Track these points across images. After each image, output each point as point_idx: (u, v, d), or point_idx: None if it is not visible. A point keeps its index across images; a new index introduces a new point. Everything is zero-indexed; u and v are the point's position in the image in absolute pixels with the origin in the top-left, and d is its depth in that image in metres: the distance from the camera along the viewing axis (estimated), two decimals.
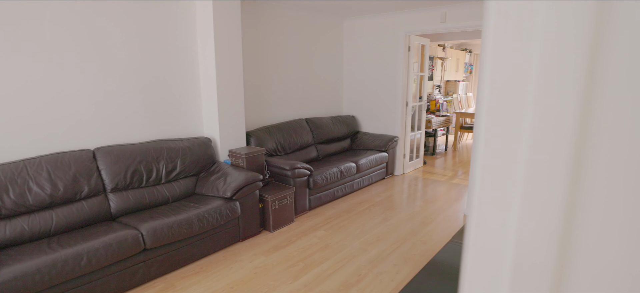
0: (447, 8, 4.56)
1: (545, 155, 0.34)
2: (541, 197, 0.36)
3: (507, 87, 0.35)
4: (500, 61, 0.35)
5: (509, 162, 0.36)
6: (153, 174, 3.07)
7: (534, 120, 0.34)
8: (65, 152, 2.70)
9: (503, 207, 0.38)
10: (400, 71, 5.08)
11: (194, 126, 3.66)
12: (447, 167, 5.89)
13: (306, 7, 4.59)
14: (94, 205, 2.73)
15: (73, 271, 2.16)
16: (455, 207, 4.08)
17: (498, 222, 0.39)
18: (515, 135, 0.35)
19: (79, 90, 2.83)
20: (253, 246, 3.17)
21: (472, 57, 10.13)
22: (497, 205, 0.38)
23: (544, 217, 0.36)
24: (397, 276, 2.70)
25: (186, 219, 2.74)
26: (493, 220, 0.39)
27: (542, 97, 0.34)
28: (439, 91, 8.62)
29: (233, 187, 3.06)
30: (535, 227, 0.36)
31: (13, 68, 2.50)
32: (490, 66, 0.36)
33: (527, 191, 0.36)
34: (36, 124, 2.64)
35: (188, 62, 3.53)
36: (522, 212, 0.37)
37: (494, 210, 0.39)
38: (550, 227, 0.36)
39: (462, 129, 7.43)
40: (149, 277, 2.60)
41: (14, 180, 2.40)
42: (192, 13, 3.50)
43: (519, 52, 0.34)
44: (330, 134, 5.03)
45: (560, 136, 0.34)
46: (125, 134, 3.15)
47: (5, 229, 2.32)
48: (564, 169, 0.34)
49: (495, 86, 0.36)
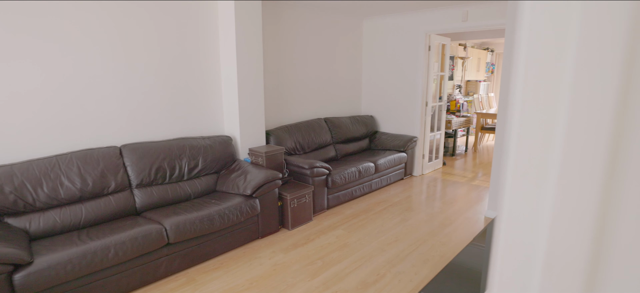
0: (469, 6, 4.48)
1: (580, 153, 0.35)
2: (575, 195, 0.36)
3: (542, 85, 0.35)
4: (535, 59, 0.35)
5: (542, 159, 0.36)
6: (176, 171, 3.16)
7: (569, 117, 0.35)
8: (94, 149, 2.81)
9: (535, 205, 0.38)
10: (420, 71, 5.02)
11: (215, 124, 3.74)
12: (467, 169, 5.79)
13: (326, 7, 4.60)
14: (120, 200, 2.83)
15: (101, 262, 2.25)
16: (475, 209, 4.01)
17: (529, 221, 0.39)
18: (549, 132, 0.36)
19: (107, 89, 2.94)
20: (272, 243, 3.21)
21: (494, 56, 9.91)
22: (528, 203, 0.39)
23: (578, 215, 0.36)
24: (416, 277, 2.68)
25: (208, 215, 2.80)
26: (524, 218, 0.39)
27: (577, 94, 0.34)
28: (460, 91, 8.48)
29: (253, 184, 3.10)
30: (568, 226, 0.37)
31: (48, 68, 2.62)
32: (525, 64, 0.36)
33: (561, 189, 0.36)
34: (68, 121, 2.76)
35: (210, 61, 3.61)
36: (555, 210, 0.37)
37: (526, 208, 0.39)
38: (584, 225, 0.36)
39: (483, 130, 7.28)
40: (171, 271, 2.68)
41: (48, 174, 2.51)
42: (214, 13, 3.57)
43: (554, 50, 0.34)
44: (349, 133, 5.03)
45: (595, 133, 0.34)
46: (150, 131, 3.25)
47: (40, 221, 2.44)
48: (599, 167, 0.34)
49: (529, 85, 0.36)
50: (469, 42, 8.29)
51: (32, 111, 2.59)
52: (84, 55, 2.79)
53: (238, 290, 2.52)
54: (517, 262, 0.41)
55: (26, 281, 1.98)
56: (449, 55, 5.55)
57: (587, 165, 0.35)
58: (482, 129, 7.28)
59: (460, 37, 7.12)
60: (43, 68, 2.61)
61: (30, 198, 2.42)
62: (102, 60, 2.89)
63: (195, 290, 2.53)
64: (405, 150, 5.02)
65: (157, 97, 3.26)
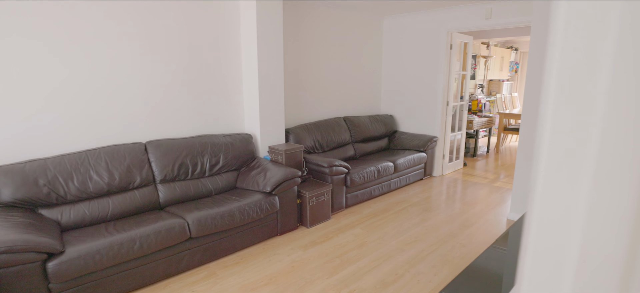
0: (493, 4, 4.38)
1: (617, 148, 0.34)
2: (611, 192, 0.35)
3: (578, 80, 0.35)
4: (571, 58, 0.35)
5: (577, 156, 0.36)
6: (198, 167, 3.23)
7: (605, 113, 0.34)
8: (120, 145, 2.91)
9: (569, 203, 0.38)
10: (441, 70, 4.95)
11: (236, 122, 3.80)
12: (488, 170, 5.66)
13: (346, 6, 4.60)
14: (145, 195, 2.92)
15: (127, 254, 2.34)
16: (497, 211, 3.92)
17: (562, 217, 0.39)
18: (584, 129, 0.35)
19: (133, 87, 3.04)
20: (290, 240, 3.24)
21: (518, 55, 9.64)
22: (562, 200, 0.38)
23: (613, 214, 0.36)
24: (435, 278, 2.65)
25: (228, 211, 2.85)
26: (557, 215, 0.39)
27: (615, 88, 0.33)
28: (482, 91, 8.30)
29: (273, 182, 3.14)
30: (604, 223, 0.36)
31: (77, 67, 2.73)
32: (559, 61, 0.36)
33: (596, 187, 0.36)
34: (96, 117, 2.87)
35: (231, 60, 3.67)
36: (590, 209, 0.36)
37: (559, 206, 0.39)
38: (620, 224, 0.36)
39: (506, 131, 7.10)
40: (193, 265, 2.75)
41: (78, 169, 2.62)
42: (236, 13, 3.63)
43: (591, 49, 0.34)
44: (368, 132, 5.01)
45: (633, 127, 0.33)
46: (173, 128, 3.34)
47: (70, 213, 2.55)
48: (637, 164, 0.34)
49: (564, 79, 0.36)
50: (492, 40, 8.09)
51: (64, 108, 2.71)
52: (112, 54, 2.89)
53: (257, 286, 2.56)
54: (548, 260, 0.41)
55: (58, 269, 2.07)
56: (471, 54, 5.45)
57: (624, 161, 0.34)
58: (504, 130, 7.10)
59: (483, 35, 6.96)
60: (72, 67, 2.72)
61: (62, 191, 2.54)
62: (130, 59, 2.99)
63: (216, 284, 2.58)
64: (425, 150, 4.96)
65: (180, 94, 3.35)
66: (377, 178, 4.24)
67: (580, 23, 0.35)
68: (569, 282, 0.39)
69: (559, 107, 0.37)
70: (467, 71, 5.42)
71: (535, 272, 0.42)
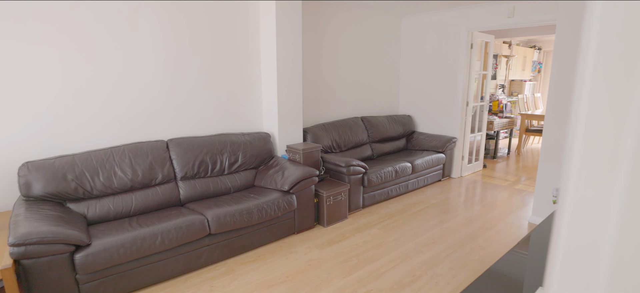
0: (516, 2, 4.27)
1: None
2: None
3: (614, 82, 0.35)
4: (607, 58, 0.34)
5: (613, 153, 0.36)
6: (217, 165, 3.29)
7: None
8: (143, 142, 2.99)
9: (603, 199, 0.37)
10: (461, 70, 4.87)
11: (255, 121, 3.85)
12: (509, 172, 5.53)
13: (365, 6, 4.58)
14: (166, 191, 2.99)
15: (149, 248, 2.40)
16: (517, 214, 3.83)
17: (596, 216, 0.38)
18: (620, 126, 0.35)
19: (156, 85, 3.12)
20: (307, 239, 3.26)
21: (541, 55, 9.38)
22: (596, 197, 0.38)
23: None
24: (454, 280, 2.61)
25: (247, 209, 2.89)
26: (591, 213, 0.39)
27: None
28: (503, 91, 8.11)
29: (290, 180, 3.17)
30: (639, 222, 0.35)
31: (103, 68, 2.83)
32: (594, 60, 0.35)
33: (632, 184, 0.35)
34: (121, 115, 2.97)
35: (251, 60, 3.72)
36: (625, 205, 0.36)
37: (592, 202, 0.38)
38: None
39: (528, 132, 6.92)
40: (211, 261, 2.80)
41: (103, 165, 2.72)
42: (255, 13, 3.67)
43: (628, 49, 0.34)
44: (386, 133, 4.98)
45: None
46: (194, 126, 3.41)
47: (96, 207, 2.64)
48: None
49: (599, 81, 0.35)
50: (515, 39, 7.90)
51: (90, 106, 2.81)
52: (136, 54, 2.97)
53: (274, 283, 2.59)
54: (580, 257, 0.40)
55: (85, 261, 2.15)
56: (492, 54, 5.34)
57: None
58: (526, 131, 6.92)
59: (505, 34, 6.80)
60: (97, 68, 2.82)
61: (89, 186, 2.63)
62: (154, 60, 3.07)
63: (234, 280, 2.63)
64: (444, 151, 4.89)
65: (201, 93, 3.41)
66: (394, 178, 4.21)
67: (616, 23, 0.34)
68: (603, 281, 0.38)
69: (593, 105, 0.36)
70: (488, 71, 5.31)
71: (567, 270, 0.41)
